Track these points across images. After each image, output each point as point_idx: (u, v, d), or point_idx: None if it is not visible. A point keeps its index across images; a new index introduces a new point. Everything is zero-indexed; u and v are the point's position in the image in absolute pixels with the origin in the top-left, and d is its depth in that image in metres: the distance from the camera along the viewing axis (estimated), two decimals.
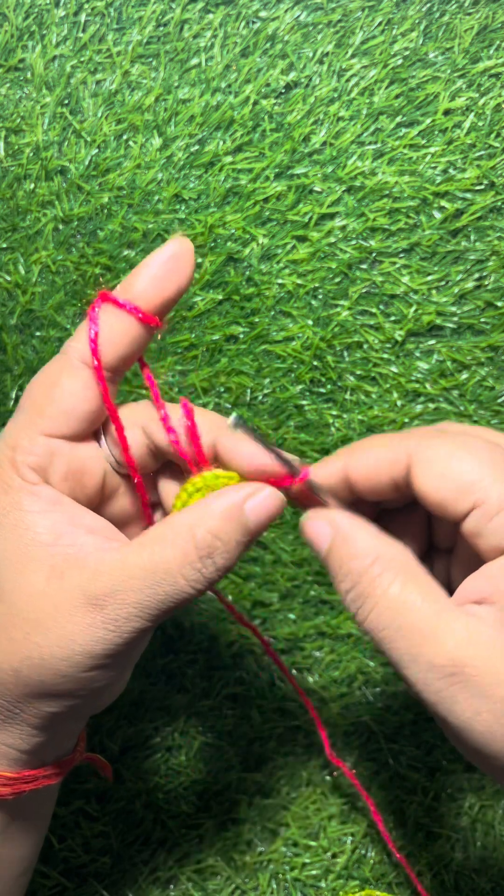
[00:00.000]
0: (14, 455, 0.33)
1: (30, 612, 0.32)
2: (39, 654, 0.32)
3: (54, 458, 0.34)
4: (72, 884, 0.53)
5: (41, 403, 0.33)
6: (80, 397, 0.33)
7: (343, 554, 0.33)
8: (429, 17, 0.51)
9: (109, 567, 0.32)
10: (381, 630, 0.31)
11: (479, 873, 0.53)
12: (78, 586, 0.32)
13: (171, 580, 0.32)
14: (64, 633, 0.31)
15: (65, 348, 0.34)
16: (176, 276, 0.33)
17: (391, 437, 0.35)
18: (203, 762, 0.54)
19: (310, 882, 0.53)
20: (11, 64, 0.52)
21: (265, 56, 0.52)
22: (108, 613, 0.31)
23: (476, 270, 0.52)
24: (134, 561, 0.32)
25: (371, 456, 0.35)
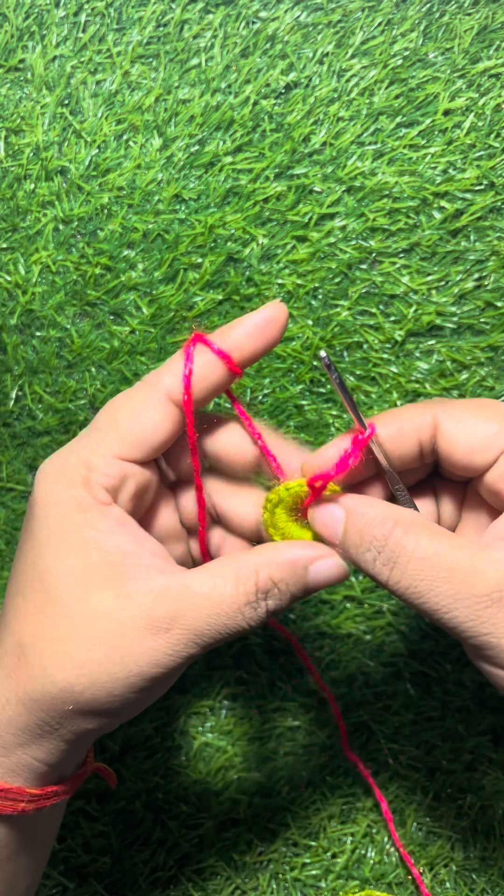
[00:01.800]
0: (89, 474, 0.34)
1: (93, 629, 0.32)
2: (98, 671, 0.32)
3: (127, 481, 0.35)
4: (72, 884, 0.53)
5: (124, 429, 0.35)
6: (161, 429, 0.35)
7: (361, 526, 0.34)
8: (429, 18, 0.51)
9: (175, 592, 0.33)
10: (419, 582, 0.32)
11: (479, 873, 0.53)
12: (144, 608, 0.32)
13: (231, 614, 0.33)
14: (126, 653, 0.32)
15: (152, 380, 0.36)
16: (267, 338, 0.36)
17: (416, 405, 0.37)
18: (203, 762, 0.54)
19: (310, 882, 0.53)
20: (11, 64, 0.52)
21: (265, 56, 0.52)
22: (170, 638, 0.33)
23: (476, 270, 0.52)
24: (198, 590, 0.33)
25: (398, 421, 0.36)
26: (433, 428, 0.36)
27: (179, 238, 0.52)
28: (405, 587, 0.33)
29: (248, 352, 0.36)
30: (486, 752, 0.54)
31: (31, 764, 0.34)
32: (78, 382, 0.53)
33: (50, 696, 0.33)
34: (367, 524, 0.34)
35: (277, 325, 0.36)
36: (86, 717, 0.34)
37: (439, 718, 0.54)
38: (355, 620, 0.54)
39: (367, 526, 0.34)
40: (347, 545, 0.35)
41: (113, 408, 0.36)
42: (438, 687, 0.54)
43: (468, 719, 0.54)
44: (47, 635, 0.33)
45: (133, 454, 0.35)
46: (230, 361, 0.36)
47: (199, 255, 0.52)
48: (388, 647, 0.54)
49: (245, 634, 0.34)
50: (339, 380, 0.35)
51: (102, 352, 0.53)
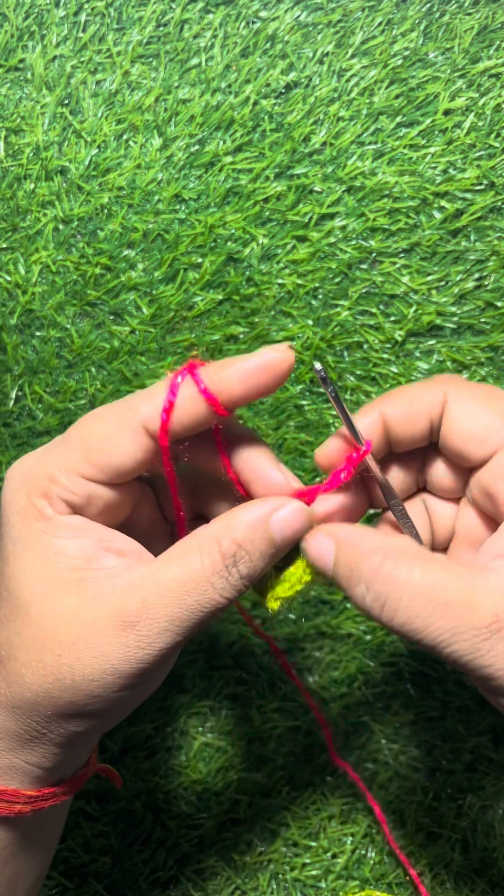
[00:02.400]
0: (49, 486, 0.34)
1: (61, 634, 0.32)
2: (71, 675, 0.32)
3: (91, 499, 0.34)
4: (72, 884, 0.53)
5: (92, 450, 0.34)
6: (131, 457, 0.34)
7: (351, 559, 0.33)
8: (429, 17, 0.51)
9: (139, 584, 0.32)
10: (415, 618, 0.31)
11: (479, 873, 0.53)
12: (110, 606, 0.32)
13: (201, 589, 0.32)
14: (96, 653, 0.32)
15: (132, 404, 0.34)
16: (262, 384, 0.34)
17: (426, 382, 0.36)
18: (203, 762, 0.54)
19: (310, 882, 0.53)
20: (11, 64, 0.52)
21: (265, 56, 0.52)
22: (139, 630, 0.32)
23: (476, 270, 0.52)
24: (162, 575, 0.32)
25: (408, 399, 0.35)
26: (442, 406, 0.35)
27: (179, 238, 0.52)
28: (400, 624, 0.31)
29: (237, 395, 0.34)
30: (486, 752, 0.54)
31: (24, 767, 0.34)
32: (78, 382, 0.53)
33: (30, 703, 0.32)
34: (356, 557, 0.32)
35: (276, 373, 0.33)
36: (70, 720, 0.33)
37: (439, 718, 0.54)
38: (355, 620, 0.54)
39: (356, 559, 0.32)
40: (338, 577, 0.33)
41: (87, 425, 0.35)
42: (438, 687, 0.54)
43: (468, 719, 0.54)
44: (19, 643, 0.33)
45: (98, 476, 0.34)
46: (216, 403, 0.34)
47: (199, 255, 0.52)
48: (388, 647, 0.54)
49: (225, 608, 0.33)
50: (334, 392, 0.34)
51: (102, 352, 0.53)
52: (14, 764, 0.34)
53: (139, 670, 0.32)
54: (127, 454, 0.34)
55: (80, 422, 0.35)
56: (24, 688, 0.32)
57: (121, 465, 0.34)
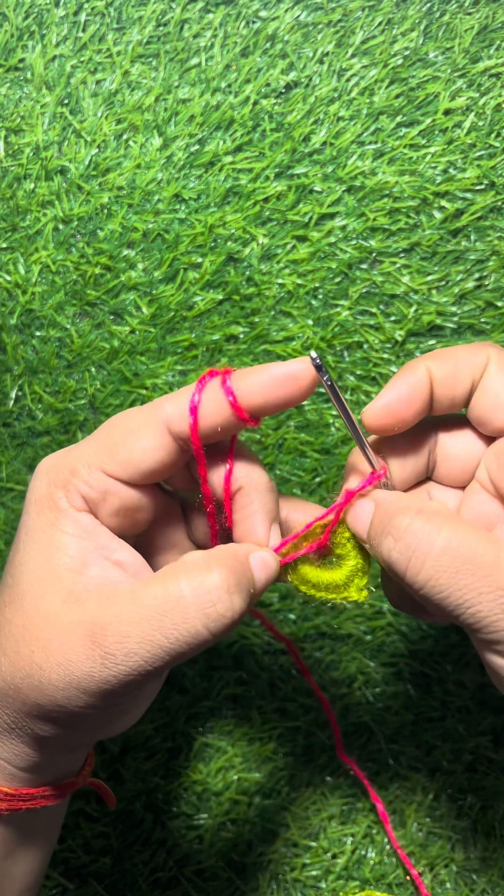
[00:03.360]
0: (70, 478, 0.34)
1: (40, 630, 0.32)
2: (39, 675, 0.31)
3: (109, 496, 0.34)
4: (72, 884, 0.53)
5: (114, 446, 0.34)
6: (151, 455, 0.34)
7: (385, 516, 0.33)
8: (429, 17, 0.51)
9: (118, 597, 0.31)
10: (440, 574, 0.31)
11: (479, 873, 0.53)
12: (86, 613, 0.31)
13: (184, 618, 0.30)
14: (63, 661, 0.31)
15: (157, 404, 0.34)
16: (288, 393, 0.33)
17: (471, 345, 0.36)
18: (203, 762, 0.54)
19: (310, 883, 0.53)
20: (11, 64, 0.52)
21: (265, 56, 0.51)
22: (107, 647, 0.30)
23: (476, 270, 0.52)
24: (144, 594, 0.31)
25: (454, 360, 0.35)
26: (484, 369, 0.35)
27: (179, 238, 0.52)
28: (425, 580, 0.31)
29: (261, 402, 0.33)
30: (487, 752, 0.54)
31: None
32: (78, 382, 0.53)
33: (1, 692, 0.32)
34: (390, 513, 0.33)
35: (301, 385, 0.33)
36: (37, 721, 0.32)
37: (439, 719, 0.54)
38: (355, 620, 0.54)
39: (388, 515, 0.33)
40: (371, 536, 0.33)
41: (112, 423, 0.35)
42: (439, 687, 0.54)
43: (468, 720, 0.54)
44: (7, 632, 0.33)
45: (119, 473, 0.34)
46: (240, 410, 0.33)
47: (199, 255, 0.52)
48: (388, 647, 0.54)
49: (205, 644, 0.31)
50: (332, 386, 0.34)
51: (102, 352, 0.53)
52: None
53: (101, 690, 0.31)
54: (147, 451, 0.34)
55: (107, 421, 0.35)
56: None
57: (140, 462, 0.34)
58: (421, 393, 0.35)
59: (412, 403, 0.35)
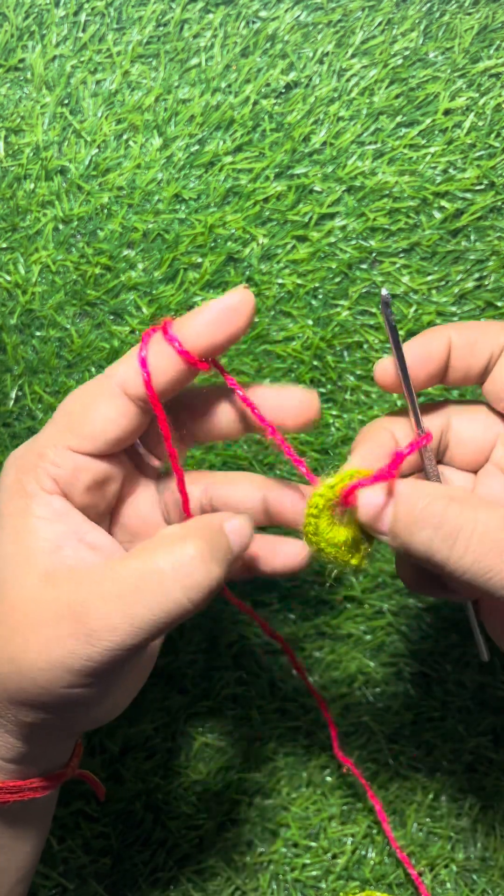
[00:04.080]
0: (38, 462, 0.34)
1: (18, 615, 0.32)
2: (21, 659, 0.31)
3: (79, 473, 0.34)
4: (72, 884, 0.53)
5: (75, 421, 0.34)
6: (113, 422, 0.34)
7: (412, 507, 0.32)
8: (429, 17, 0.51)
9: (98, 576, 0.31)
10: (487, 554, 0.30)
11: (479, 873, 0.53)
12: (65, 595, 0.31)
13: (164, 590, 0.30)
14: (44, 641, 0.31)
15: (108, 372, 0.35)
16: (230, 327, 0.33)
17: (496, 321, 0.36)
18: (203, 762, 0.54)
19: (310, 883, 0.53)
20: (11, 64, 0.52)
21: (265, 56, 0.52)
22: (89, 625, 0.30)
23: (476, 270, 0.52)
24: (122, 569, 0.31)
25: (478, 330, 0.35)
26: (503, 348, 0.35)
27: (179, 238, 0.52)
28: (470, 563, 0.31)
29: (208, 343, 0.33)
30: (487, 752, 0.54)
31: None
32: (78, 382, 0.53)
33: None
34: (419, 504, 0.32)
35: (241, 314, 0.33)
36: (21, 708, 0.32)
37: (439, 719, 0.54)
38: (355, 620, 0.54)
39: (420, 506, 0.32)
40: (398, 530, 0.32)
41: (69, 400, 0.35)
42: (439, 687, 0.54)
43: (468, 720, 0.54)
44: None
45: (83, 447, 0.34)
46: (188, 355, 0.33)
47: (199, 255, 0.52)
48: (388, 647, 0.54)
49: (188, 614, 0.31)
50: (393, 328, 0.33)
51: (102, 352, 0.53)
52: None
53: (86, 668, 0.30)
54: (108, 419, 0.34)
55: (63, 401, 0.35)
56: None
57: (104, 432, 0.34)
58: (437, 357, 0.35)
59: (426, 365, 0.35)
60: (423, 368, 0.35)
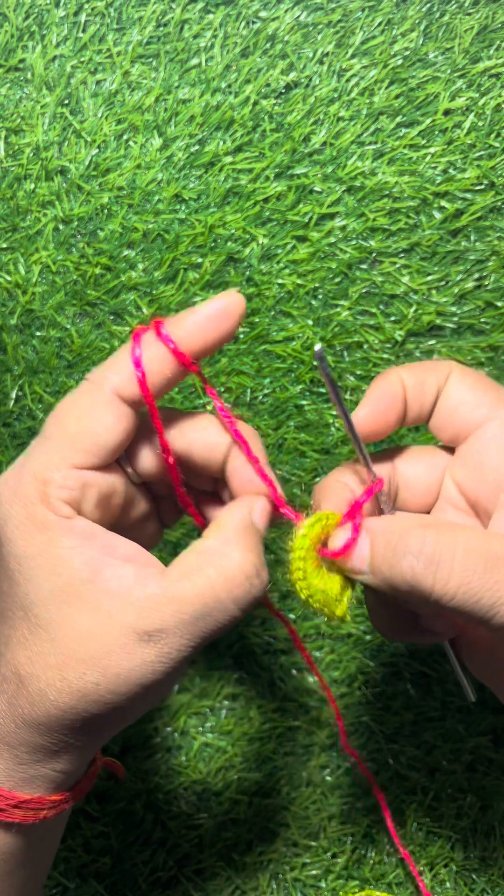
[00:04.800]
0: (46, 489, 0.33)
1: (82, 652, 0.32)
2: (96, 691, 0.32)
3: (87, 489, 0.34)
4: (72, 884, 0.53)
5: (74, 436, 0.33)
6: (114, 430, 0.34)
7: (390, 539, 0.33)
8: (429, 17, 0.51)
9: (157, 602, 0.32)
10: (471, 576, 0.31)
11: (479, 873, 0.53)
12: (127, 624, 0.32)
13: (220, 606, 0.32)
14: (119, 671, 0.32)
15: (97, 379, 0.34)
16: (222, 328, 0.34)
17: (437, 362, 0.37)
18: (203, 762, 0.54)
19: (310, 882, 0.53)
20: (12, 64, 0.52)
21: (265, 56, 0.52)
22: (161, 648, 0.32)
23: (476, 270, 0.52)
24: (179, 594, 0.32)
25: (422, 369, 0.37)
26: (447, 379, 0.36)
27: (179, 238, 0.52)
28: (456, 587, 0.31)
29: (200, 345, 0.34)
30: (487, 752, 0.54)
31: (50, 775, 0.34)
32: (78, 382, 0.53)
33: (56, 720, 0.32)
34: (397, 536, 0.32)
35: (232, 317, 0.34)
36: (94, 731, 0.33)
37: (439, 719, 0.54)
38: (355, 620, 0.54)
39: (398, 537, 0.32)
40: (378, 564, 0.33)
41: (60, 413, 0.34)
42: (438, 687, 0.54)
43: (468, 720, 0.54)
44: (41, 663, 0.32)
45: (89, 461, 0.33)
46: (182, 357, 0.33)
47: (199, 255, 0.52)
48: (388, 647, 0.54)
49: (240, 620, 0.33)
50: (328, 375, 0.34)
51: (102, 352, 0.53)
52: (41, 773, 0.34)
53: (160, 682, 0.32)
54: (109, 428, 0.34)
55: (52, 415, 0.34)
56: (49, 706, 0.32)
57: (106, 442, 0.34)
58: (398, 400, 0.36)
59: (391, 410, 0.36)
60: (390, 414, 0.36)
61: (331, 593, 0.36)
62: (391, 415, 0.36)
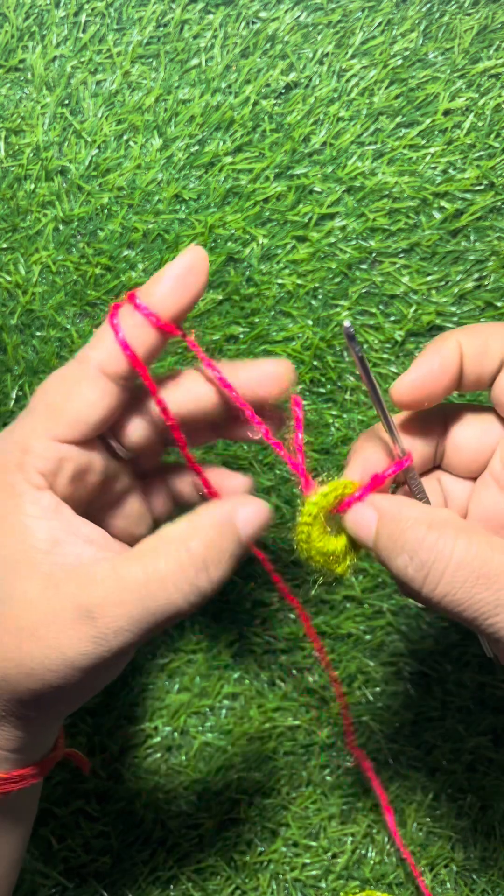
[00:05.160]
0: (24, 458, 0.33)
1: (23, 619, 0.32)
2: (30, 662, 0.31)
3: (64, 463, 0.34)
4: (72, 884, 0.53)
5: (58, 409, 0.34)
6: (97, 406, 0.34)
7: (394, 529, 0.32)
8: (429, 18, 0.51)
9: (102, 579, 0.31)
10: (458, 589, 0.31)
11: (479, 873, 0.53)
12: (71, 596, 0.31)
13: (166, 594, 0.31)
14: (54, 643, 0.31)
15: (81, 356, 0.34)
16: (192, 287, 0.34)
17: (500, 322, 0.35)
18: (203, 762, 0.54)
19: (310, 882, 0.53)
20: (12, 64, 0.52)
21: (265, 56, 0.52)
22: (98, 627, 0.31)
23: (476, 270, 0.52)
24: (127, 573, 0.31)
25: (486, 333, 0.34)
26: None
27: (179, 238, 0.52)
28: (442, 595, 0.31)
29: (174, 307, 0.34)
30: (487, 752, 0.54)
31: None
32: None
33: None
34: (399, 527, 0.32)
35: (199, 273, 0.34)
36: (28, 706, 0.33)
37: (439, 718, 0.54)
38: (355, 620, 0.54)
39: (399, 529, 0.32)
40: (379, 548, 0.33)
41: (45, 388, 0.34)
42: (438, 687, 0.54)
43: (468, 719, 0.54)
44: None
45: (69, 435, 0.34)
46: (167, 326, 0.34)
47: None
48: (388, 647, 0.54)
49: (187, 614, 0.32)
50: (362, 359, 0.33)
51: None
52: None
53: (96, 665, 0.32)
54: (92, 403, 0.34)
55: (38, 389, 0.35)
56: None
57: (89, 416, 0.34)
58: (452, 367, 0.35)
59: (443, 377, 0.35)
60: (440, 382, 0.35)
61: (335, 552, 0.35)
62: (441, 382, 0.35)
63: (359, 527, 0.34)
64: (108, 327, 0.34)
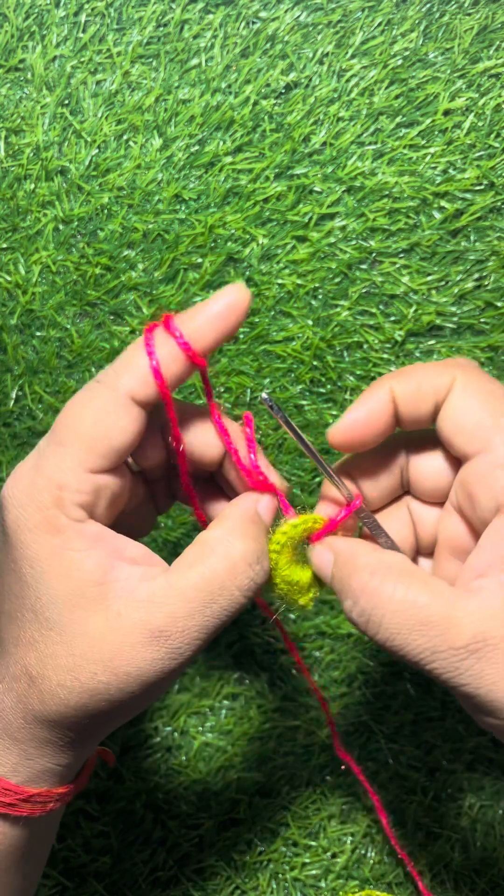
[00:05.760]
0: (62, 494, 0.33)
1: (93, 653, 0.32)
2: (107, 690, 0.32)
3: (100, 493, 0.34)
4: (72, 883, 0.53)
5: (91, 440, 0.33)
6: (128, 433, 0.34)
7: (344, 573, 0.34)
8: (429, 18, 0.51)
9: (163, 598, 0.32)
10: (396, 635, 0.32)
11: (479, 873, 0.53)
12: (139, 623, 0.32)
13: (227, 594, 0.33)
14: (134, 672, 0.32)
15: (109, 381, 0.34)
16: (231, 323, 0.34)
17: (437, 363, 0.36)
18: (203, 762, 0.54)
19: (310, 882, 0.53)
20: (12, 64, 0.52)
21: (265, 56, 0.52)
22: (171, 644, 0.32)
23: (476, 270, 0.52)
24: (185, 584, 0.33)
25: (417, 378, 0.35)
26: (448, 390, 0.35)
27: (179, 238, 0.52)
28: (383, 640, 0.32)
29: (210, 341, 0.34)
30: (486, 752, 0.54)
31: (56, 770, 0.35)
32: (78, 382, 0.53)
33: (67, 718, 0.33)
34: (348, 571, 0.34)
35: (239, 312, 0.34)
36: (104, 727, 0.34)
37: (439, 718, 0.54)
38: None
39: (348, 573, 0.34)
40: (335, 589, 0.35)
41: (74, 416, 0.34)
42: (438, 687, 0.54)
43: (468, 719, 0.54)
44: (52, 664, 0.33)
45: (105, 465, 0.34)
46: (194, 354, 0.34)
47: (199, 255, 0.52)
48: None
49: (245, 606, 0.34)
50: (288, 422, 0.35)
51: (102, 352, 0.53)
52: (47, 768, 0.34)
53: (171, 677, 0.33)
54: (126, 431, 0.34)
55: (62, 418, 0.34)
56: (60, 705, 0.33)
57: (122, 445, 0.34)
58: (382, 413, 0.36)
59: (374, 423, 0.36)
60: (371, 427, 0.36)
61: (300, 583, 0.37)
62: (373, 427, 0.36)
63: (318, 567, 0.36)
64: (141, 352, 0.34)
